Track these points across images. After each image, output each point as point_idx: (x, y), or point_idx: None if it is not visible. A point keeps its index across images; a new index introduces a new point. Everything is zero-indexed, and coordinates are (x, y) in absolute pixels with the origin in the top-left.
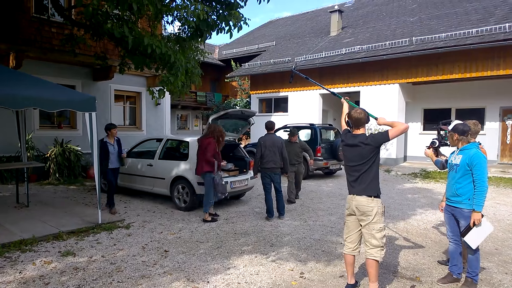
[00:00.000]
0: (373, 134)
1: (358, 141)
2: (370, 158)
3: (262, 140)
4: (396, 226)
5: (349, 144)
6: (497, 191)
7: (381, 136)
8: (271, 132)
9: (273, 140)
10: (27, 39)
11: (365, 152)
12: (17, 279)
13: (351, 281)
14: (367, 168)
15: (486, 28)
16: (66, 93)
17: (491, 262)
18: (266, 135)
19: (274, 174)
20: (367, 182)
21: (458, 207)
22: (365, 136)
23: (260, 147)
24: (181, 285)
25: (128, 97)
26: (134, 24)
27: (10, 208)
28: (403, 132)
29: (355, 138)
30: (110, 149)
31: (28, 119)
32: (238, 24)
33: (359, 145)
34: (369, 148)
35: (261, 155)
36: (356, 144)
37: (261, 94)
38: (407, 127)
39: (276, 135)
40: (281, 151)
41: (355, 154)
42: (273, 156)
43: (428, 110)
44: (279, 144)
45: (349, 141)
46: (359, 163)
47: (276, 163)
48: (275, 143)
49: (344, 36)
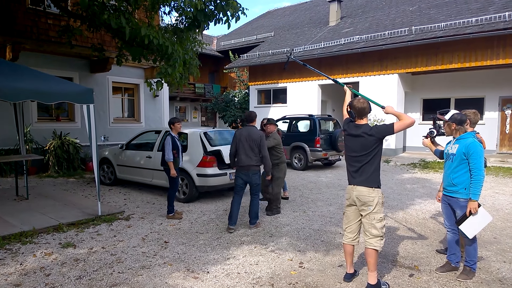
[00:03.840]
0: (377, 125)
1: (362, 131)
2: (372, 149)
3: (238, 133)
4: (395, 216)
5: (352, 134)
6: (496, 180)
7: (386, 128)
8: (251, 125)
9: (249, 133)
10: (23, 31)
11: (368, 143)
12: (18, 271)
13: (350, 270)
14: (369, 159)
15: (486, 17)
16: (64, 85)
17: (490, 251)
18: (243, 128)
19: (252, 174)
20: (368, 174)
21: (455, 197)
22: (369, 127)
23: (235, 141)
24: (181, 276)
25: (126, 89)
26: (131, 15)
27: (9, 201)
28: (408, 127)
29: (358, 128)
30: (179, 145)
31: (26, 112)
32: (236, 14)
33: (362, 135)
34: (372, 139)
35: (236, 150)
36: (359, 134)
37: (260, 85)
38: (413, 121)
39: (256, 128)
40: (259, 146)
41: (357, 145)
42: (249, 152)
43: (427, 100)
44: (256, 137)
45: (352, 131)
46: (361, 154)
47: (253, 160)
48: (251, 136)
49: (343, 26)
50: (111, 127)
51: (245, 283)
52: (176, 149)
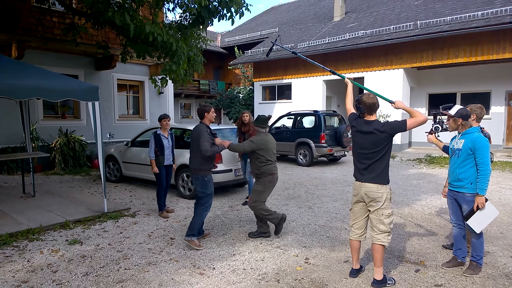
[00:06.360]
0: (389, 121)
1: (373, 128)
2: (384, 147)
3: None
4: (401, 212)
5: (363, 131)
6: (502, 175)
7: (398, 124)
8: (201, 121)
9: (194, 130)
10: (28, 29)
11: (380, 140)
12: (25, 267)
13: (356, 266)
14: (380, 156)
15: (492, 11)
16: (69, 82)
17: (496, 246)
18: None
19: (194, 178)
20: (379, 171)
21: (461, 192)
22: (380, 123)
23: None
24: (187, 272)
25: (131, 86)
26: (135, 12)
27: (16, 198)
28: (421, 124)
29: (369, 125)
30: (165, 143)
31: (32, 110)
32: (240, 11)
33: (374, 132)
34: (384, 136)
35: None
36: (371, 131)
37: (264, 81)
38: (426, 119)
39: (201, 126)
40: (198, 145)
41: (368, 142)
42: (192, 153)
43: (433, 95)
44: (196, 135)
45: (362, 127)
46: (372, 151)
47: (193, 162)
48: (193, 133)
49: (347, 21)
50: (117, 124)
51: (251, 279)
52: (159, 147)
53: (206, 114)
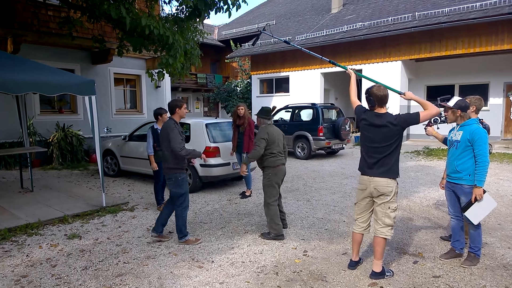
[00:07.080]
0: (401, 114)
1: (386, 121)
2: (395, 140)
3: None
4: (399, 204)
5: (375, 124)
6: (500, 167)
7: (410, 117)
8: (171, 117)
9: (163, 127)
10: (23, 23)
11: (392, 133)
12: (24, 262)
13: (356, 258)
14: (391, 150)
15: (490, 2)
16: (65, 76)
17: (494, 237)
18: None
19: (167, 178)
20: (390, 165)
21: (459, 183)
22: (392, 116)
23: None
24: (186, 265)
25: (128, 80)
26: (131, 5)
27: (15, 193)
28: (434, 117)
29: (381, 118)
30: None
31: (29, 105)
32: (237, 3)
33: (387, 125)
34: (396, 129)
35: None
36: (383, 124)
37: (262, 74)
38: (439, 111)
39: (172, 119)
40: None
41: (380, 135)
42: (163, 150)
43: (431, 87)
44: (165, 132)
45: (374, 120)
46: (384, 145)
47: (166, 160)
48: (162, 130)
49: (345, 13)
50: (114, 118)
51: (249, 272)
52: (157, 142)
53: (178, 110)
